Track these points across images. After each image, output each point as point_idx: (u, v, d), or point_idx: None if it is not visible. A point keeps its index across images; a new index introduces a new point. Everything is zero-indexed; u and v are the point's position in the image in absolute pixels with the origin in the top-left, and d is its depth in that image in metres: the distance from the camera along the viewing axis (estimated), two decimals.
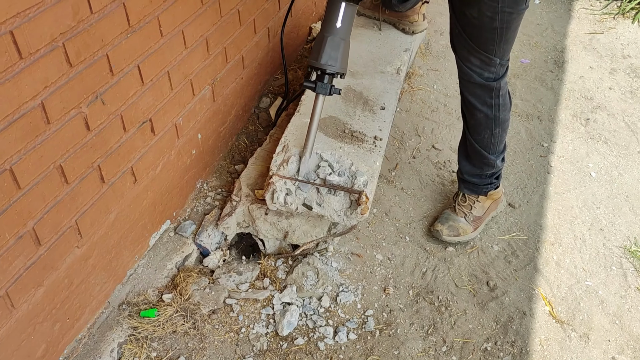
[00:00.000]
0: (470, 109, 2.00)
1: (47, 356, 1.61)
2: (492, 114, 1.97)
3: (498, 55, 1.83)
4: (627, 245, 2.20)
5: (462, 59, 1.90)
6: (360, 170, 1.96)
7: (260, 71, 2.53)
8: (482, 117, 1.98)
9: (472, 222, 2.17)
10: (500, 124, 2.00)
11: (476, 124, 2.02)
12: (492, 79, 1.90)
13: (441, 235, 2.14)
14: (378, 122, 2.22)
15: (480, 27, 1.77)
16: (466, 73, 1.91)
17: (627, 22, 3.59)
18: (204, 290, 1.90)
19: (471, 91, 1.95)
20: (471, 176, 2.14)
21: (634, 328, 1.93)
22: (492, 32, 1.77)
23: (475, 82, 1.90)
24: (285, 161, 1.99)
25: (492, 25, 1.75)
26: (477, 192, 2.17)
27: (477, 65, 1.87)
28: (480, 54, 1.83)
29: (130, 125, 1.70)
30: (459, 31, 1.84)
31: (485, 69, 1.88)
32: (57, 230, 1.52)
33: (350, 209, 1.94)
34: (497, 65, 1.86)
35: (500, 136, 2.03)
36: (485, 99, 1.94)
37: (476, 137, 2.05)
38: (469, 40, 1.82)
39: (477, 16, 1.74)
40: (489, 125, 2.00)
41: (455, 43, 1.90)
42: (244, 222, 2.07)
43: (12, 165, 1.32)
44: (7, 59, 1.22)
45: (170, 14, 1.75)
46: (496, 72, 1.88)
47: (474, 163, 2.11)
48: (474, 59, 1.86)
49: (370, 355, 1.80)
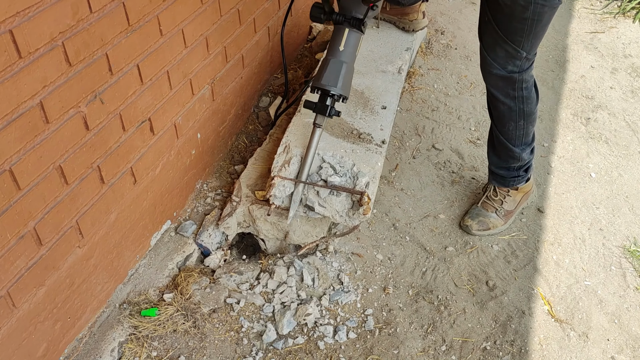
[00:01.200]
0: (493, 101, 1.98)
1: (48, 355, 1.62)
2: (516, 106, 1.93)
3: (525, 49, 1.80)
4: (626, 245, 2.20)
5: (486, 48, 1.86)
6: (362, 171, 1.97)
7: (260, 70, 2.53)
8: (505, 109, 1.95)
9: (503, 217, 2.18)
10: (526, 117, 1.96)
11: (500, 115, 1.99)
12: (516, 72, 1.86)
13: (471, 230, 2.16)
14: (379, 122, 2.22)
15: (511, 15, 1.73)
16: (489, 63, 1.87)
17: (628, 22, 3.59)
18: (204, 289, 1.91)
19: (493, 83, 1.93)
20: (498, 168, 2.15)
21: (632, 327, 1.93)
22: (522, 22, 1.73)
23: (498, 74, 1.87)
24: (286, 162, 1.99)
25: (524, 15, 1.71)
26: (505, 185, 2.17)
27: (502, 56, 1.83)
28: (507, 45, 1.80)
29: (129, 124, 1.70)
30: (488, 19, 1.80)
31: (509, 62, 1.84)
32: (58, 230, 1.53)
33: (352, 209, 1.94)
34: (522, 58, 1.82)
35: (525, 128, 1.99)
36: (508, 91, 1.90)
37: (501, 129, 2.03)
38: (498, 28, 1.78)
39: (509, 4, 1.71)
40: (513, 117, 1.96)
41: (483, 30, 1.86)
42: (244, 222, 2.08)
43: (12, 166, 1.33)
44: (7, 58, 1.23)
45: (170, 13, 1.75)
46: (521, 65, 1.84)
47: (500, 155, 2.11)
48: (500, 50, 1.82)
49: (370, 354, 1.81)
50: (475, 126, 2.72)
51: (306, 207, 1.96)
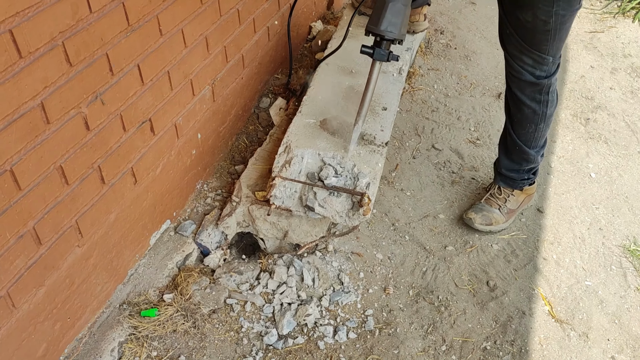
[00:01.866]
0: (517, 104, 2.00)
1: (48, 355, 1.61)
2: (540, 110, 1.97)
3: (551, 54, 1.83)
4: (626, 245, 2.20)
5: (512, 57, 1.89)
6: (363, 172, 1.97)
7: (260, 70, 2.53)
8: (529, 113, 1.99)
9: (506, 214, 2.20)
10: (546, 119, 2.01)
11: (522, 118, 2.02)
12: (544, 77, 1.89)
13: (474, 223, 2.16)
14: (380, 123, 2.21)
15: (533, 30, 1.77)
16: (517, 71, 1.90)
17: (628, 22, 3.59)
18: (204, 290, 1.90)
19: (521, 88, 1.95)
20: (509, 171, 2.17)
21: (633, 327, 1.93)
22: (545, 34, 1.77)
23: (527, 80, 1.90)
24: (287, 162, 1.99)
25: (546, 28, 1.75)
26: (513, 187, 2.20)
27: (530, 64, 1.86)
28: (532, 54, 1.83)
29: (130, 125, 1.70)
30: (510, 32, 1.83)
31: (537, 67, 1.87)
32: (57, 230, 1.52)
33: (353, 210, 1.94)
34: (549, 63, 1.86)
35: (543, 131, 2.04)
36: (535, 95, 1.94)
37: (520, 132, 2.05)
38: (522, 41, 1.81)
39: (530, 20, 1.74)
40: (535, 120, 2.00)
41: (506, 42, 1.89)
42: (244, 222, 2.07)
43: (13, 166, 1.33)
44: (7, 58, 1.23)
45: (170, 13, 1.75)
46: (548, 70, 1.88)
47: (513, 158, 2.13)
48: (526, 58, 1.85)
49: (370, 354, 1.81)
50: (475, 126, 2.72)
51: (306, 207, 1.96)
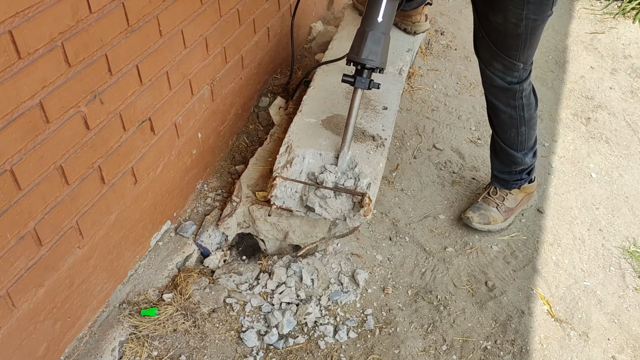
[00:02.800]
0: (494, 110, 2.02)
1: (49, 355, 1.62)
2: (517, 114, 1.98)
3: (522, 60, 1.84)
4: (625, 246, 2.20)
5: (484, 63, 1.91)
6: (364, 172, 1.97)
7: (259, 71, 2.54)
8: (506, 118, 2.00)
9: (504, 213, 2.20)
10: (526, 122, 2.01)
11: (500, 123, 2.03)
12: (515, 82, 1.90)
13: (472, 222, 2.17)
14: (381, 123, 2.21)
15: (504, 33, 1.78)
16: (489, 77, 1.92)
17: (628, 22, 3.59)
18: (204, 290, 1.91)
19: (494, 94, 1.97)
20: (501, 173, 2.19)
21: (633, 327, 1.93)
22: (516, 39, 1.77)
23: (498, 85, 1.92)
24: (289, 162, 1.99)
25: (517, 32, 1.75)
26: (507, 188, 2.21)
27: (500, 69, 1.88)
28: (503, 59, 1.84)
29: (129, 124, 1.70)
30: (482, 35, 1.85)
31: (508, 74, 1.88)
32: (58, 231, 1.53)
33: (353, 210, 1.94)
34: (520, 69, 1.87)
35: (527, 133, 2.04)
36: (509, 101, 1.95)
37: (502, 136, 2.07)
38: (493, 45, 1.83)
39: (501, 22, 1.75)
40: (514, 124, 2.01)
41: (479, 47, 1.91)
42: (244, 223, 2.08)
43: (13, 166, 1.33)
44: (6, 58, 1.23)
45: (170, 14, 1.75)
46: (519, 76, 1.89)
47: (502, 161, 2.15)
48: (497, 64, 1.87)
49: (370, 353, 1.81)
50: (475, 126, 2.72)
51: (306, 208, 1.96)
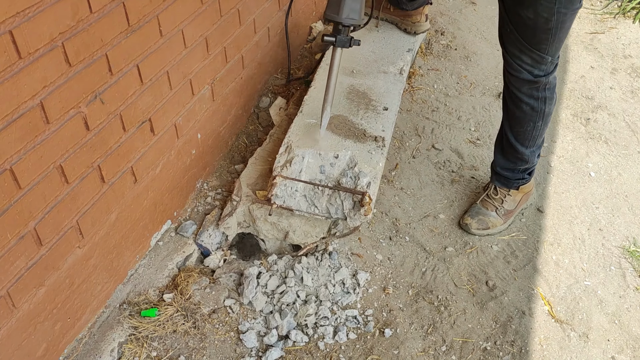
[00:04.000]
0: (515, 101, 2.00)
1: (48, 355, 1.62)
2: (539, 107, 1.97)
3: (550, 54, 1.84)
4: (626, 245, 2.20)
5: (511, 56, 1.90)
6: (364, 171, 1.97)
7: (260, 71, 2.53)
8: (528, 109, 1.98)
9: (503, 216, 2.19)
10: (544, 117, 2.01)
11: (521, 115, 2.01)
12: (542, 75, 1.90)
13: (470, 229, 2.17)
14: (381, 123, 2.22)
15: (534, 28, 1.77)
16: (516, 69, 1.91)
17: (628, 22, 3.59)
18: (204, 290, 1.91)
19: (519, 86, 1.96)
20: (504, 170, 2.17)
21: (633, 328, 1.93)
22: (546, 33, 1.77)
23: (525, 78, 1.91)
24: (288, 162, 1.99)
25: (547, 26, 1.75)
26: (508, 186, 2.19)
27: (529, 63, 1.87)
28: (532, 53, 1.83)
29: (129, 125, 1.70)
30: (510, 30, 1.83)
31: (536, 67, 1.88)
32: (58, 231, 1.53)
33: (354, 210, 1.94)
34: (548, 63, 1.87)
35: (541, 129, 2.04)
36: (533, 92, 1.95)
37: (518, 130, 2.05)
38: (522, 39, 1.81)
39: (532, 17, 1.74)
40: (534, 118, 2.00)
41: (505, 41, 1.89)
42: (244, 222, 2.08)
43: (12, 165, 1.33)
44: (6, 58, 1.23)
45: (170, 14, 1.75)
46: (546, 69, 1.89)
47: (508, 157, 2.14)
48: (526, 57, 1.86)
49: (370, 354, 1.81)
50: (475, 126, 2.72)
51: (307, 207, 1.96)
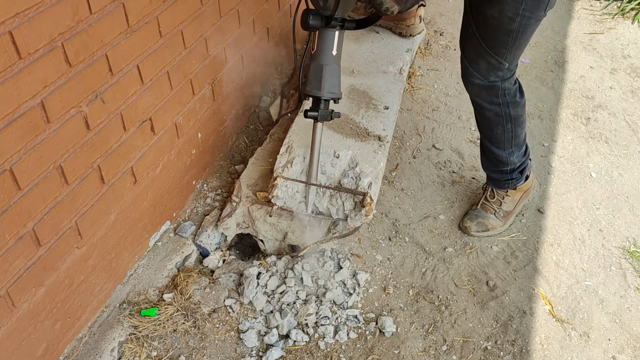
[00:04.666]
0: (478, 108, 2.00)
1: (48, 355, 1.62)
2: (502, 111, 1.95)
3: (508, 60, 1.81)
4: (626, 246, 2.19)
5: (469, 60, 1.88)
6: (365, 172, 1.97)
7: (260, 70, 2.54)
8: (491, 115, 1.97)
9: (503, 218, 2.18)
10: (512, 119, 1.97)
11: (487, 121, 2.01)
12: (497, 81, 1.88)
13: (470, 232, 2.17)
14: (382, 122, 2.22)
15: (497, 28, 1.75)
16: (471, 74, 1.89)
17: (627, 23, 3.59)
18: (204, 289, 1.90)
19: (475, 92, 1.95)
20: (491, 172, 2.17)
21: (634, 327, 1.93)
22: (507, 35, 1.74)
23: (480, 84, 1.89)
24: (289, 162, 1.99)
25: (510, 27, 1.72)
26: (500, 187, 2.18)
27: (484, 68, 1.85)
28: (490, 57, 1.81)
29: (130, 124, 1.70)
30: (472, 30, 1.81)
31: (491, 73, 1.85)
32: (57, 231, 1.53)
33: (355, 210, 1.94)
34: (504, 69, 1.85)
35: (514, 130, 2.00)
36: (492, 98, 1.92)
37: (489, 134, 2.04)
38: (482, 40, 1.79)
39: (497, 16, 1.72)
40: (500, 121, 1.98)
41: (466, 43, 1.87)
42: (243, 223, 2.07)
43: (12, 166, 1.33)
44: (6, 59, 1.23)
45: (170, 14, 1.75)
46: (502, 75, 1.87)
47: (490, 160, 2.13)
48: (482, 62, 1.84)
49: (370, 354, 1.81)
50: (475, 126, 2.72)
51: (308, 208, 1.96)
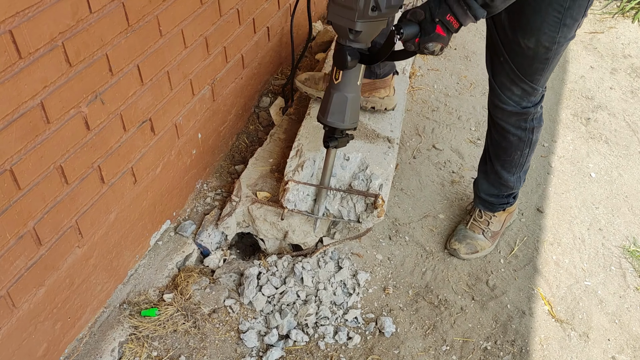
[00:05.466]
0: (502, 132, 1.92)
1: (48, 355, 1.62)
2: (526, 136, 1.90)
3: (541, 84, 1.77)
4: (626, 245, 2.20)
5: (500, 87, 1.80)
6: (375, 174, 1.97)
7: (260, 71, 2.53)
8: (515, 140, 1.91)
9: (491, 238, 2.13)
10: (531, 145, 1.94)
11: (508, 146, 1.94)
12: (530, 107, 1.83)
13: (459, 254, 2.10)
14: (389, 123, 2.21)
15: (533, 58, 1.68)
16: (503, 101, 1.82)
17: (627, 22, 3.59)
18: (204, 290, 1.91)
19: (505, 118, 1.87)
20: (488, 195, 2.10)
21: (633, 327, 1.93)
22: (543, 63, 1.69)
23: (513, 110, 1.83)
24: (299, 166, 1.99)
25: (546, 56, 1.67)
26: (492, 210, 2.13)
27: (518, 94, 1.79)
28: (524, 84, 1.75)
29: (130, 124, 1.70)
30: (504, 59, 1.73)
31: (525, 98, 1.80)
32: (57, 230, 1.53)
33: (366, 212, 1.94)
34: (538, 94, 1.80)
35: (528, 156, 1.97)
36: (520, 123, 1.87)
37: (504, 158, 1.97)
38: (517, 70, 1.73)
39: (533, 47, 1.65)
40: (520, 146, 1.93)
41: (497, 71, 1.79)
42: (243, 222, 2.08)
43: (12, 166, 1.33)
44: (7, 58, 1.23)
45: (170, 14, 1.75)
46: (535, 100, 1.82)
47: (492, 183, 2.06)
48: (516, 89, 1.77)
49: (370, 354, 1.81)
50: (475, 126, 2.72)
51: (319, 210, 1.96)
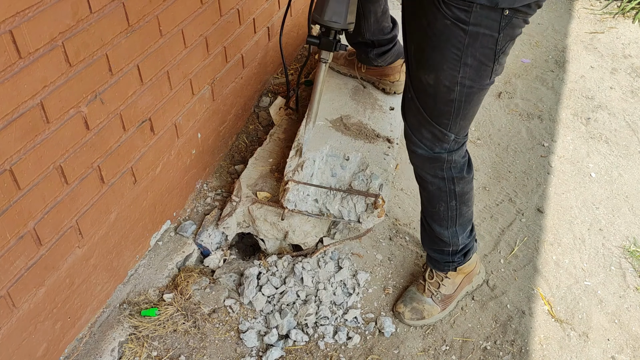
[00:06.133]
0: (419, 180, 1.76)
1: (48, 355, 1.62)
2: (446, 187, 1.69)
3: (453, 131, 1.57)
4: (626, 245, 2.20)
5: (411, 128, 1.63)
6: (375, 174, 1.97)
7: (260, 70, 2.53)
8: (434, 190, 1.72)
9: (440, 302, 1.89)
10: (457, 196, 1.71)
11: (429, 196, 1.76)
12: (442, 152, 1.62)
13: (403, 319, 1.88)
14: (389, 123, 2.21)
15: (435, 97, 1.50)
16: (414, 143, 1.63)
17: (628, 22, 3.59)
18: (204, 290, 1.91)
19: (418, 163, 1.69)
20: (431, 251, 1.89)
21: (633, 327, 1.93)
22: (448, 105, 1.50)
23: (423, 155, 1.64)
24: (299, 165, 1.99)
25: (449, 97, 1.48)
26: (439, 269, 1.89)
27: (428, 138, 1.60)
28: (432, 127, 1.56)
29: (129, 124, 1.70)
30: (411, 96, 1.56)
31: (436, 143, 1.60)
32: (57, 231, 1.53)
33: (366, 212, 1.94)
34: (451, 141, 1.59)
35: (458, 209, 1.74)
36: (436, 171, 1.67)
37: (430, 210, 1.78)
38: (422, 109, 1.55)
39: (432, 84, 1.48)
40: (443, 197, 1.72)
41: (406, 109, 1.62)
42: (244, 222, 2.08)
43: (12, 166, 1.33)
44: (7, 58, 1.23)
45: (170, 14, 1.75)
46: (449, 147, 1.61)
47: (431, 238, 1.86)
48: (425, 132, 1.59)
49: (370, 354, 1.81)
50: (475, 126, 2.72)
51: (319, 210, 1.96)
